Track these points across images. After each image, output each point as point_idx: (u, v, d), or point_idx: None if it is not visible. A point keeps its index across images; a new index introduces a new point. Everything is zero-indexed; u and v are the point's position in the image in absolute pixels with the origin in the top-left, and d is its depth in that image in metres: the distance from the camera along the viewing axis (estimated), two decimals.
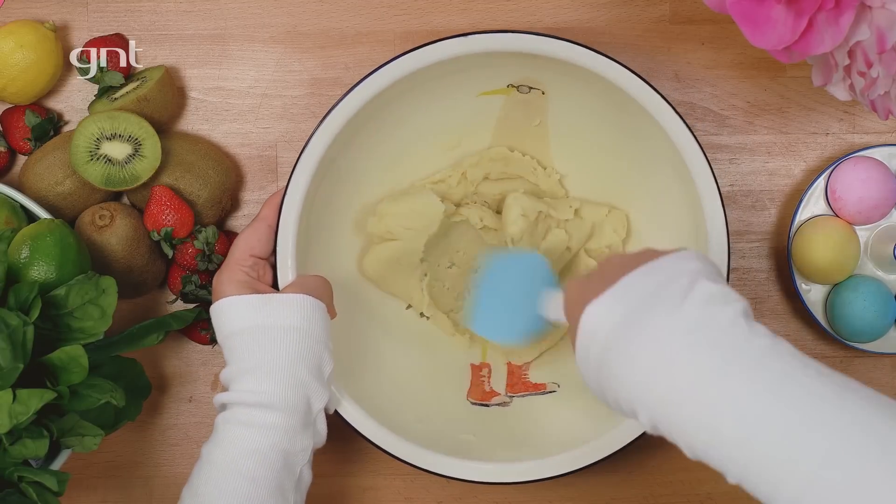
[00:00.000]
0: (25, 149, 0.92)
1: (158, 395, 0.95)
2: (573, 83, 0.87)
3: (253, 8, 0.95)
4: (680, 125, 0.83)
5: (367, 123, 0.87)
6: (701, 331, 0.63)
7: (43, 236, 0.82)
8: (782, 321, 0.97)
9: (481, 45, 0.83)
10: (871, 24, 0.74)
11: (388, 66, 0.83)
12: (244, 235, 0.85)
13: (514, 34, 0.83)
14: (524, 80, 0.89)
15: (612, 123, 0.90)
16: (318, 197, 0.87)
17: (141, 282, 0.91)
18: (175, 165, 0.90)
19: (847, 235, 0.93)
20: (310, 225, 0.87)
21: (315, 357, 0.80)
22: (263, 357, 0.79)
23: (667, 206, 0.90)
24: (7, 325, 0.76)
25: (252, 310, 0.80)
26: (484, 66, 0.87)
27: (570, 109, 0.91)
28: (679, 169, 0.85)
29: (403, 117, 0.90)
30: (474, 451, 0.87)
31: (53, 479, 0.79)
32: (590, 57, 0.83)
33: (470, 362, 0.95)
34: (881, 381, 0.98)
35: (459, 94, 0.90)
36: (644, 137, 0.87)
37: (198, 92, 0.95)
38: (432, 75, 0.85)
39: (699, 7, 0.95)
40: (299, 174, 0.84)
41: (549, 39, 0.83)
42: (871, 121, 0.97)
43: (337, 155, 0.86)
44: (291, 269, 0.85)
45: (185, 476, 0.95)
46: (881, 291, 0.93)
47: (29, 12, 0.93)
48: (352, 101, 0.83)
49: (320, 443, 0.82)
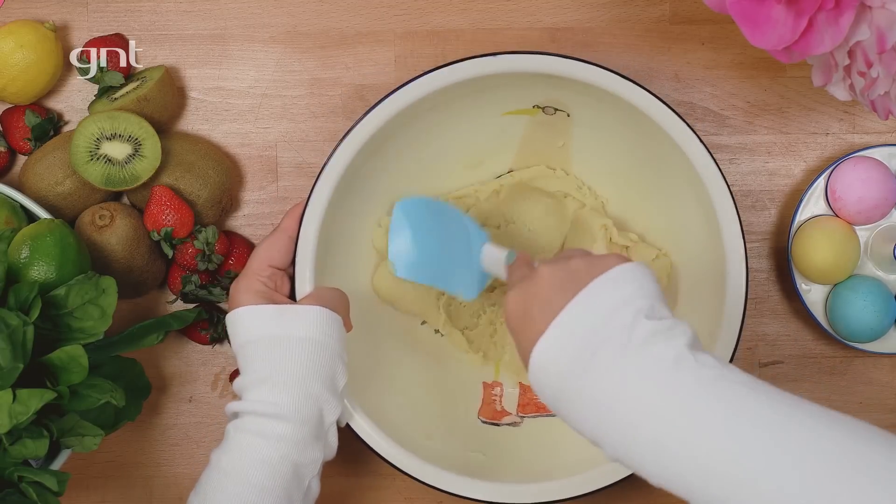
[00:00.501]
0: (25, 149, 0.92)
1: (158, 395, 0.95)
2: (598, 106, 0.86)
3: (253, 8, 0.95)
4: (704, 154, 0.83)
5: (391, 138, 0.86)
6: (650, 371, 0.65)
7: (43, 236, 0.82)
8: (782, 321, 0.97)
9: (509, 66, 0.83)
10: (871, 24, 0.74)
11: (416, 82, 0.82)
12: (264, 245, 0.84)
13: (542, 55, 0.83)
14: (550, 101, 0.89)
15: (635, 149, 0.89)
16: (340, 210, 0.86)
17: (141, 282, 0.91)
18: (175, 165, 0.90)
19: (847, 235, 0.93)
20: (330, 237, 0.86)
21: (329, 369, 0.80)
22: (277, 367, 0.79)
23: (687, 234, 0.90)
24: (7, 325, 0.76)
25: (267, 320, 0.80)
26: (510, 86, 0.86)
27: (594, 132, 0.91)
28: (702, 199, 0.84)
29: (428, 133, 0.89)
30: (484, 470, 0.87)
31: (53, 479, 0.79)
32: (616, 82, 0.82)
33: (482, 381, 0.95)
34: (881, 381, 0.98)
35: (484, 112, 0.90)
36: (667, 165, 0.87)
37: (198, 92, 0.95)
38: (458, 93, 0.84)
39: (699, 7, 0.95)
40: (322, 185, 0.83)
41: (576, 63, 0.82)
42: (871, 121, 0.97)
43: (360, 168, 0.85)
44: (309, 281, 0.84)
45: (186, 476, 0.96)
46: (881, 291, 0.93)
47: (29, 12, 0.93)
48: (378, 115, 0.83)
49: (331, 455, 0.81)
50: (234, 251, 0.93)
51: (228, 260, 0.92)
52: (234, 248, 0.93)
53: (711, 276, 0.86)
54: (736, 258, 0.83)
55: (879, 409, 0.98)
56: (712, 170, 0.83)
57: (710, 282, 0.86)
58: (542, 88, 0.87)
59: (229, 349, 0.95)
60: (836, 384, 0.98)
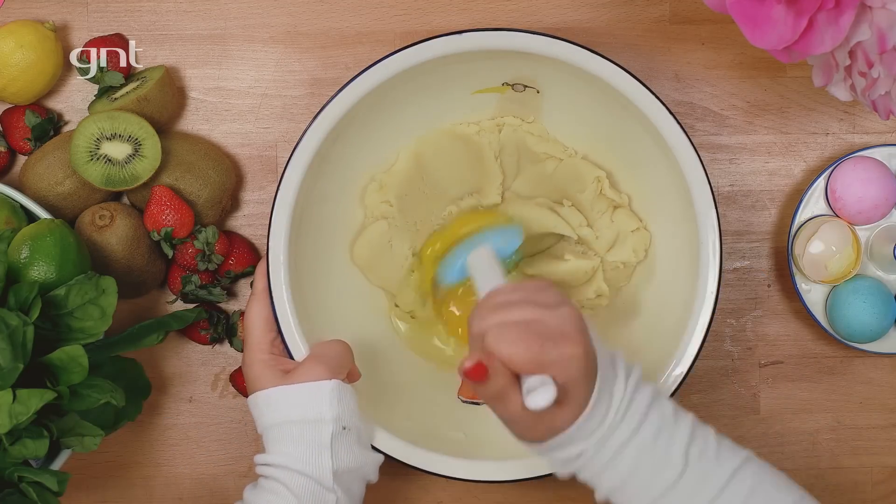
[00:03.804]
0: (25, 149, 0.92)
1: (158, 395, 0.95)
2: (568, 81, 0.87)
3: (253, 8, 0.94)
4: (674, 125, 0.83)
5: (356, 121, 0.86)
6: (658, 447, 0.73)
7: (43, 236, 0.82)
8: (782, 321, 0.97)
9: (476, 43, 0.83)
10: (871, 25, 0.74)
11: (382, 63, 0.83)
12: (255, 312, 0.85)
13: (508, 32, 0.83)
14: (519, 78, 0.89)
15: (604, 122, 0.90)
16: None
17: (141, 282, 0.91)
18: (175, 165, 0.90)
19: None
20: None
21: (347, 441, 0.80)
22: (294, 452, 0.79)
23: (660, 207, 0.90)
24: (7, 325, 0.76)
25: (281, 404, 0.80)
26: (479, 63, 0.87)
27: (564, 108, 0.91)
28: (672, 168, 0.85)
29: (397, 114, 0.89)
30: (465, 449, 0.87)
31: (53, 479, 0.79)
32: (583, 55, 0.83)
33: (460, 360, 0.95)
34: (881, 381, 0.98)
35: (454, 92, 0.90)
36: (637, 138, 0.87)
37: (198, 92, 0.95)
38: (426, 72, 0.84)
39: (699, 7, 0.95)
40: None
41: (544, 38, 0.83)
42: (871, 121, 0.97)
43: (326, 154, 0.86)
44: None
45: (185, 476, 0.96)
46: (881, 291, 0.93)
47: (29, 12, 0.93)
48: (340, 102, 0.83)
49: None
50: (234, 251, 0.93)
51: (228, 260, 0.92)
52: (234, 248, 0.93)
53: (687, 248, 0.86)
54: (709, 226, 0.83)
55: (879, 409, 0.98)
56: (682, 139, 0.83)
57: (685, 254, 0.87)
58: (511, 66, 0.87)
59: (229, 349, 0.95)
60: (836, 384, 0.98)
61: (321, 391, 0.80)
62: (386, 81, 0.83)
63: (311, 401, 0.80)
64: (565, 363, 0.69)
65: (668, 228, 0.91)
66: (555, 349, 0.69)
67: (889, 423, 0.98)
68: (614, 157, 0.92)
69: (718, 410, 0.97)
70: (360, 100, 0.84)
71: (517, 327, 0.70)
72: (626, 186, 0.93)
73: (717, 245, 0.84)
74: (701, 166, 0.83)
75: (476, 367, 0.69)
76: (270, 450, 0.80)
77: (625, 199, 0.92)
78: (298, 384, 0.80)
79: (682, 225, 0.87)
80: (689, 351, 0.84)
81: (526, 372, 0.70)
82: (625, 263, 0.92)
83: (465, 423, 0.91)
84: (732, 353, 0.97)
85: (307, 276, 0.87)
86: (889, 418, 0.98)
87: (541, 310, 0.71)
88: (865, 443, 0.98)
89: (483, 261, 0.84)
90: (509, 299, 0.73)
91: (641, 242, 0.92)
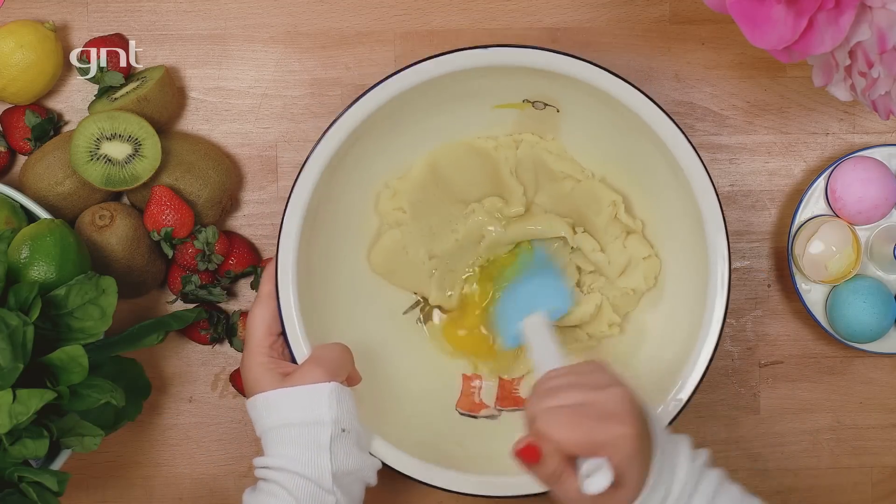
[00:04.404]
0: (25, 149, 0.92)
1: (158, 395, 0.95)
2: (587, 102, 0.86)
3: (253, 8, 0.94)
4: (691, 152, 0.83)
5: (373, 130, 0.86)
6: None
7: (43, 236, 0.82)
8: (782, 321, 0.97)
9: (499, 59, 0.83)
10: (871, 25, 0.74)
11: (402, 74, 0.83)
12: (257, 315, 0.85)
13: (532, 50, 0.83)
14: (540, 96, 0.89)
15: (621, 146, 0.89)
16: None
17: (141, 282, 0.91)
18: (175, 165, 0.90)
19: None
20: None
21: (346, 444, 0.80)
22: (293, 454, 0.79)
23: (672, 231, 0.90)
24: (7, 325, 0.76)
25: (280, 407, 0.80)
26: (501, 79, 0.86)
27: (582, 128, 0.90)
28: (686, 195, 0.84)
29: (412, 129, 0.89)
30: (460, 462, 0.87)
31: (53, 479, 0.79)
32: (605, 78, 0.82)
33: (462, 373, 0.95)
34: (881, 381, 0.98)
35: (474, 105, 0.89)
36: (652, 163, 0.87)
37: (198, 92, 0.95)
38: (447, 85, 0.84)
39: (699, 7, 0.95)
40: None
41: (565, 58, 0.82)
42: (871, 121, 0.97)
43: (344, 157, 0.85)
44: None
45: (185, 476, 0.96)
46: (881, 291, 0.93)
47: (29, 12, 0.93)
48: (361, 108, 0.83)
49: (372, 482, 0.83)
50: (234, 251, 0.93)
51: (228, 260, 0.92)
52: (234, 248, 0.93)
53: (695, 276, 0.86)
54: (719, 255, 0.83)
55: (879, 409, 0.98)
56: (698, 168, 0.83)
57: (693, 281, 0.87)
58: (533, 83, 0.87)
59: (229, 349, 0.95)
60: (836, 384, 0.98)
61: (320, 393, 0.80)
62: (406, 91, 0.83)
63: (310, 403, 0.80)
64: (616, 443, 0.70)
65: (678, 255, 0.90)
66: (604, 430, 0.70)
67: (889, 423, 0.98)
68: (629, 181, 0.92)
69: (718, 410, 0.97)
70: (379, 107, 0.83)
71: (567, 410, 0.72)
72: (639, 211, 0.92)
73: (726, 275, 0.84)
74: (715, 195, 0.83)
75: (527, 449, 0.72)
76: (269, 452, 0.80)
77: (639, 225, 0.92)
78: (297, 387, 0.80)
79: (691, 252, 0.87)
80: (693, 377, 0.84)
81: (578, 454, 0.71)
82: (634, 290, 0.92)
83: (464, 437, 0.91)
84: (732, 353, 0.97)
85: (314, 281, 0.87)
86: (889, 418, 0.98)
87: (592, 392, 0.73)
88: (865, 443, 0.98)
89: (539, 333, 0.87)
90: (560, 384, 0.75)
91: (652, 270, 0.92)
